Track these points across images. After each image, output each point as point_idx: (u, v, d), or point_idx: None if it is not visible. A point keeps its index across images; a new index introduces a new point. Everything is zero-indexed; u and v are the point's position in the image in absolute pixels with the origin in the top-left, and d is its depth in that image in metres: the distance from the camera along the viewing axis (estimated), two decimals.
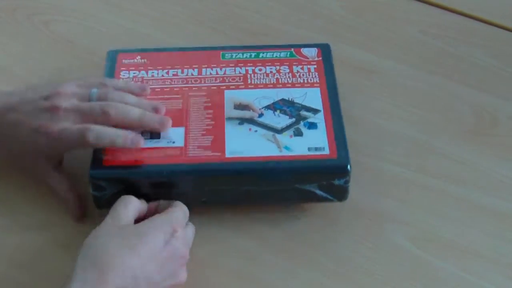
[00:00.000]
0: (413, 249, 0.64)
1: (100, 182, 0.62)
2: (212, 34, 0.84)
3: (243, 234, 0.65)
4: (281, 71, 0.70)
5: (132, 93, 0.66)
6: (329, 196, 0.64)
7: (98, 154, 0.63)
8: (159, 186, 0.62)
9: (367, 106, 0.75)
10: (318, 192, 0.63)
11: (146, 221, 0.58)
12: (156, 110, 0.65)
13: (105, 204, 0.61)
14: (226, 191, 0.63)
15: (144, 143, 0.62)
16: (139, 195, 0.61)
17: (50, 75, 0.78)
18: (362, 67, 0.79)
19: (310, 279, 0.62)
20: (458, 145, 0.72)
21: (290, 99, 0.68)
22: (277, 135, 0.64)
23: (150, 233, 0.57)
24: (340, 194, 0.64)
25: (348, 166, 0.63)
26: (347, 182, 0.63)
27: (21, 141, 0.63)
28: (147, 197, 0.62)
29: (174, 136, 0.64)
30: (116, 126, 0.62)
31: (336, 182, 0.63)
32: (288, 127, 0.65)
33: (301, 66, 0.70)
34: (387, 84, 0.78)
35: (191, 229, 0.62)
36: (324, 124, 0.65)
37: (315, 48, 0.73)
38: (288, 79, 0.69)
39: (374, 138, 0.72)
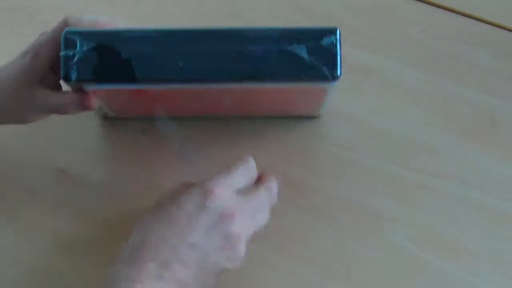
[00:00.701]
0: (413, 249, 0.64)
1: (74, 36, 0.57)
2: None
3: None
4: None
5: None
6: (318, 64, 0.58)
7: None
8: (137, 42, 0.57)
9: (367, 106, 0.75)
10: (307, 57, 0.58)
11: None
12: None
13: (72, 70, 0.57)
14: (206, 55, 0.57)
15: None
16: (113, 57, 0.57)
17: None
18: (362, 67, 0.79)
19: (310, 279, 0.62)
20: (458, 145, 0.72)
21: None
22: None
23: (183, 197, 0.55)
24: (330, 61, 0.58)
25: (337, 30, 0.59)
26: (335, 44, 0.58)
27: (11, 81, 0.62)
28: (121, 63, 0.57)
29: None
30: None
31: (324, 42, 0.58)
32: None
33: None
34: (387, 84, 0.78)
35: (255, 197, 0.58)
36: None
37: None
38: None
39: (374, 138, 0.72)
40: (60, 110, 0.61)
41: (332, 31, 0.58)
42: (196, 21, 0.86)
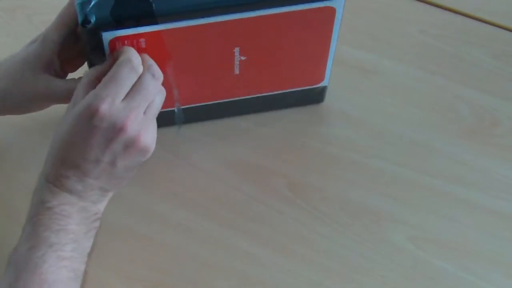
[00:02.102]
0: (413, 249, 0.64)
1: None
2: None
3: (242, 233, 0.65)
4: None
5: None
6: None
7: None
8: None
9: (367, 106, 0.75)
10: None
11: None
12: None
13: (90, 13, 0.57)
14: None
15: None
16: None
17: None
18: (362, 67, 0.79)
19: (310, 279, 0.62)
20: (458, 145, 0.72)
21: None
22: None
23: (74, 119, 0.55)
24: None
25: None
26: None
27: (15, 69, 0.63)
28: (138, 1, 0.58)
29: None
30: None
31: None
32: None
33: None
34: (387, 84, 0.78)
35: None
36: None
37: None
38: None
39: (374, 138, 0.72)
40: (67, 98, 0.60)
41: None
42: None
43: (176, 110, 0.68)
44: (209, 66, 0.66)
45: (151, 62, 0.58)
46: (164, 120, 0.70)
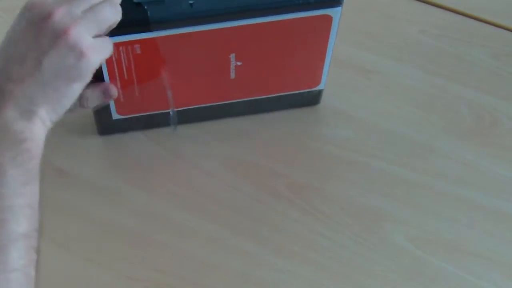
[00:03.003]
0: (413, 249, 0.64)
1: None
2: None
3: (242, 233, 0.65)
4: None
5: None
6: None
7: None
8: None
9: (367, 106, 0.75)
10: None
11: None
12: None
13: None
14: None
15: None
16: (125, 3, 0.55)
17: None
18: (362, 67, 0.79)
19: (310, 279, 0.62)
20: (458, 145, 0.72)
21: None
22: None
23: (14, 21, 0.50)
24: None
25: None
26: None
27: None
28: (133, 8, 0.58)
29: None
30: None
31: None
32: None
33: None
34: (387, 84, 0.78)
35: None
36: None
37: None
38: None
39: (374, 138, 0.73)
40: (81, 104, 0.58)
41: None
42: None
43: (171, 112, 0.68)
44: (204, 70, 0.66)
45: None
46: (161, 121, 0.70)
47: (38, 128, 0.48)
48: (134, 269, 0.63)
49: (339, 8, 0.62)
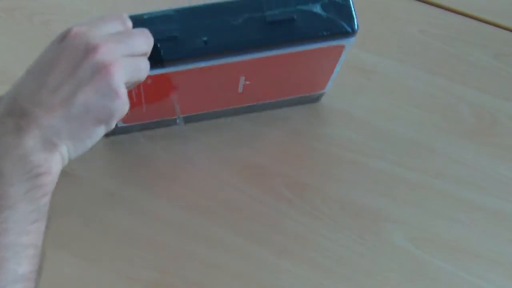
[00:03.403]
0: (413, 249, 0.64)
1: None
2: None
3: (242, 233, 0.65)
4: None
5: None
6: (335, 18, 0.59)
7: None
8: (159, 24, 0.57)
9: (367, 106, 0.75)
10: (324, 14, 0.58)
11: None
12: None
13: None
14: (227, 25, 0.57)
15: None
16: None
17: None
18: (362, 67, 0.79)
19: (310, 279, 0.62)
20: (458, 145, 0.72)
21: None
22: None
23: (47, 47, 0.48)
24: (346, 15, 0.59)
25: None
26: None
27: None
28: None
29: None
30: None
31: None
32: None
33: None
34: (387, 84, 0.78)
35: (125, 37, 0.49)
36: None
37: None
38: None
39: (374, 138, 0.72)
40: None
41: None
42: None
43: (177, 119, 0.68)
44: (213, 89, 0.66)
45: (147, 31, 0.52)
46: (164, 123, 0.70)
47: (56, 163, 0.46)
48: (134, 269, 0.63)
49: (353, 38, 0.60)
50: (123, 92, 0.47)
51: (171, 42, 0.57)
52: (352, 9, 0.59)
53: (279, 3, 0.58)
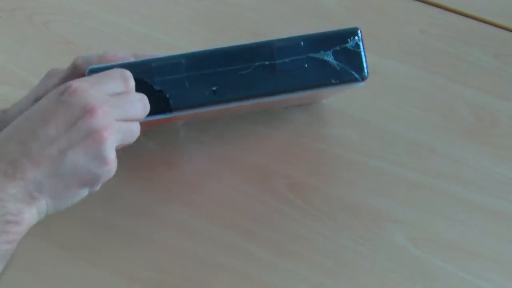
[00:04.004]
0: (413, 249, 0.64)
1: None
2: (211, 34, 0.84)
3: (242, 233, 0.65)
4: None
5: None
6: (346, 67, 0.59)
7: None
8: (167, 71, 0.56)
9: (367, 106, 0.75)
10: (334, 62, 0.59)
11: None
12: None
13: None
14: (237, 74, 0.58)
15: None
16: (144, 90, 0.55)
17: None
18: None
19: (310, 279, 0.62)
20: (458, 145, 0.72)
21: None
22: None
23: (44, 96, 0.49)
24: (357, 63, 0.59)
25: (358, 30, 0.60)
26: (359, 45, 0.59)
27: None
28: (154, 95, 0.56)
29: None
30: None
31: (349, 45, 0.59)
32: None
33: None
34: (387, 84, 0.78)
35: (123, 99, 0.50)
36: None
37: None
38: None
39: (374, 138, 0.72)
40: None
41: (353, 33, 0.60)
42: (196, 21, 0.86)
43: (180, 129, 0.69)
44: (217, 114, 0.66)
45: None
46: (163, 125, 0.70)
47: (30, 216, 0.47)
48: (134, 269, 0.63)
49: (362, 83, 0.60)
50: (112, 160, 0.49)
51: (180, 90, 0.57)
52: (363, 57, 0.60)
53: (291, 51, 0.58)
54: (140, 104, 0.52)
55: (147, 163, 0.70)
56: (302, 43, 0.59)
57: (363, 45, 0.60)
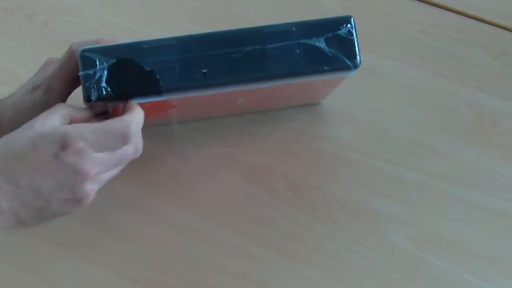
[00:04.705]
0: (413, 249, 0.64)
1: (92, 54, 0.56)
2: None
3: (242, 233, 0.65)
4: None
5: None
6: (338, 54, 0.58)
7: None
8: (158, 53, 0.56)
9: (367, 106, 0.75)
10: (327, 49, 0.58)
11: None
12: None
13: (93, 89, 0.55)
14: (228, 58, 0.57)
15: None
16: (135, 71, 0.55)
17: None
18: (362, 67, 0.79)
19: (310, 279, 0.62)
20: (458, 145, 0.72)
21: None
22: None
23: (43, 136, 0.51)
24: (349, 51, 0.59)
25: (351, 18, 0.60)
26: (351, 33, 0.59)
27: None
28: (144, 76, 0.56)
29: None
30: None
31: (341, 32, 0.59)
32: None
33: None
34: (387, 84, 0.78)
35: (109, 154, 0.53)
36: None
37: None
38: None
39: (374, 138, 0.72)
40: None
41: (346, 20, 0.59)
42: (196, 21, 0.86)
43: (175, 129, 0.68)
44: (211, 106, 0.66)
45: (140, 141, 0.56)
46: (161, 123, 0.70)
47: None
48: (134, 269, 0.63)
49: (354, 71, 0.60)
50: (89, 201, 0.53)
51: (170, 72, 0.56)
52: (356, 44, 0.59)
53: (282, 36, 0.58)
54: (133, 157, 0.55)
55: (147, 163, 0.70)
56: (294, 28, 0.58)
57: (356, 32, 0.59)
